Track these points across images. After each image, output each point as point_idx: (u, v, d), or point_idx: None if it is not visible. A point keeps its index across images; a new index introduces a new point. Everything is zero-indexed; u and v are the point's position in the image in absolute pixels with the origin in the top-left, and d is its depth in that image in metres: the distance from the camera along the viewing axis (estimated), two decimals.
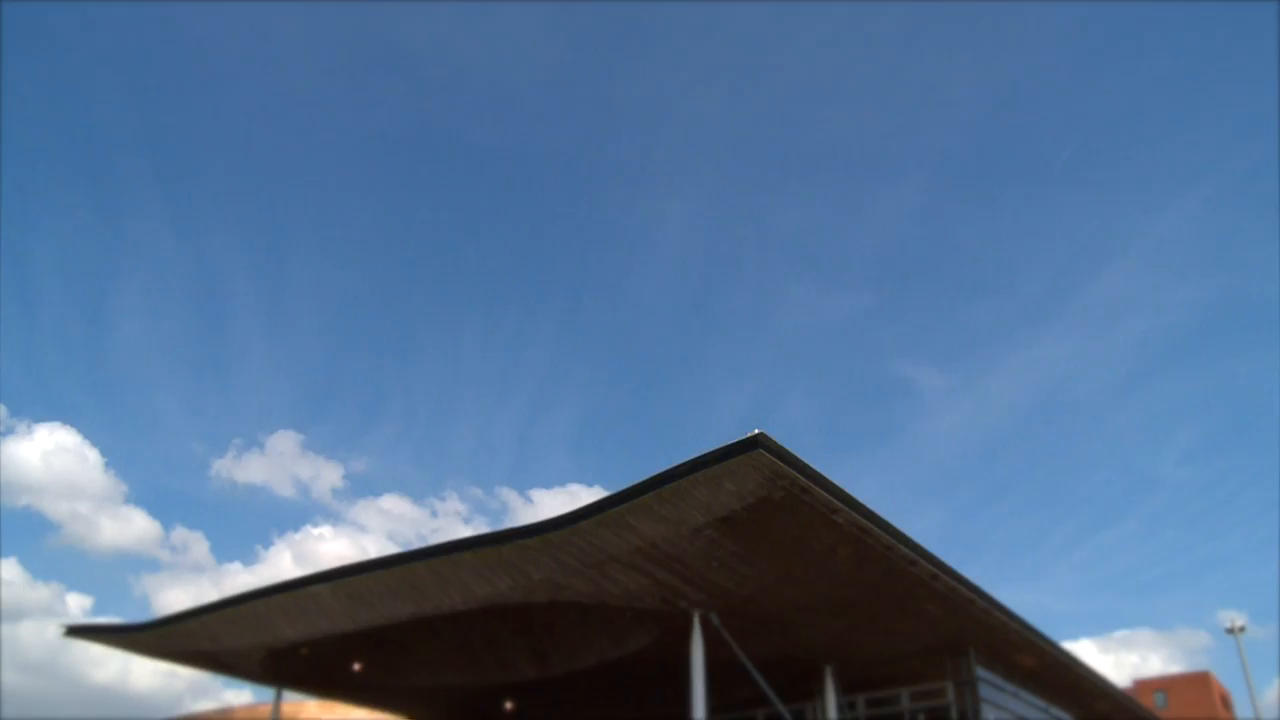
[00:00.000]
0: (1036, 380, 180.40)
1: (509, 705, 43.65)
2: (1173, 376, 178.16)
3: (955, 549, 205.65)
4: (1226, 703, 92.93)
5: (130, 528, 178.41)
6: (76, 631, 38.79)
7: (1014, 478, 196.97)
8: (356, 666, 39.13)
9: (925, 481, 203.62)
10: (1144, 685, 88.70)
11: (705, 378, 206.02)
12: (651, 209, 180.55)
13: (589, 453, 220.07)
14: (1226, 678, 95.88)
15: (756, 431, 23.27)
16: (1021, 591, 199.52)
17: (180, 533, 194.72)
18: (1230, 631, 23.42)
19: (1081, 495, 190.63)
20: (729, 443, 23.60)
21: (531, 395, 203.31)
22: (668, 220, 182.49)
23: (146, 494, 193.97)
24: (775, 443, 23.38)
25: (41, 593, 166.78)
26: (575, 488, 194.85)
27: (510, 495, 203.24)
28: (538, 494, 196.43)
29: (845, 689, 36.53)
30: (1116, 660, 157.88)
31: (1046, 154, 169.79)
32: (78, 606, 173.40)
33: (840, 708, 36.21)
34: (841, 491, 25.47)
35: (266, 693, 42.86)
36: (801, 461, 24.09)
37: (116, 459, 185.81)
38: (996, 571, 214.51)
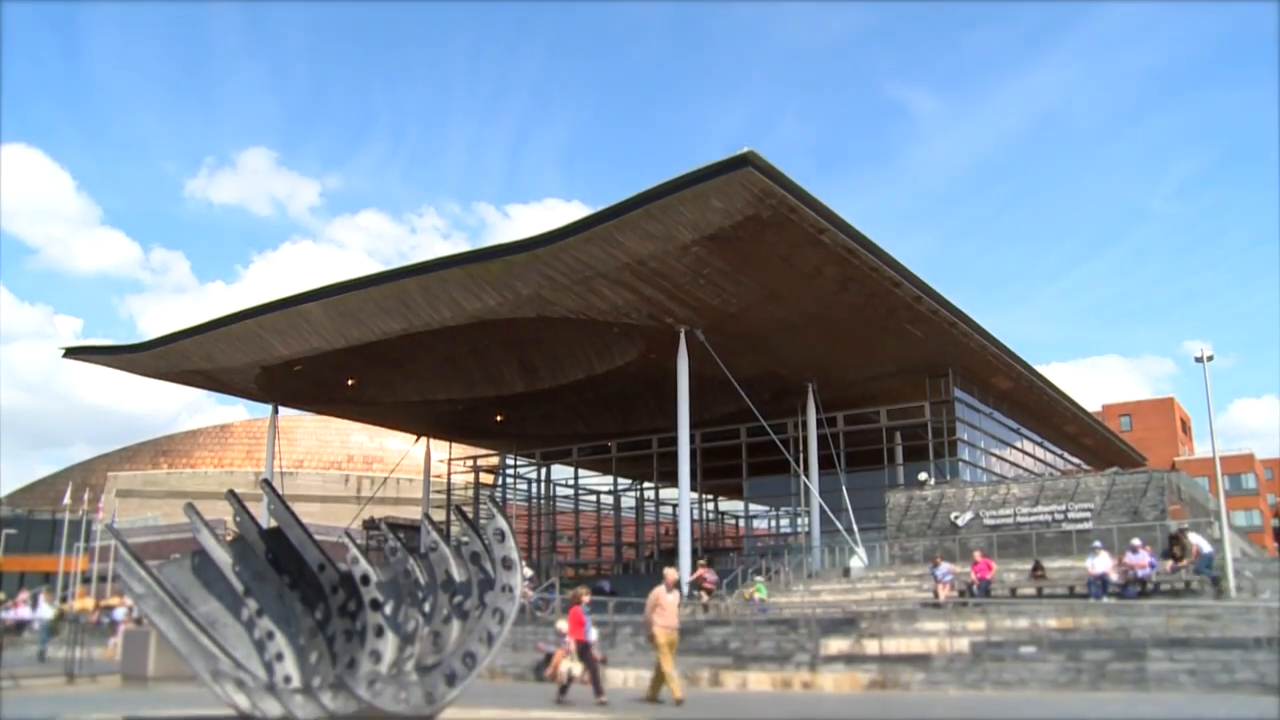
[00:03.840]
0: (1033, 107, 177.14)
1: (499, 418, 45.05)
2: (1171, 109, 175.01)
3: (941, 274, 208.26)
4: (1186, 426, 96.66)
5: (109, 249, 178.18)
6: (74, 352, 39.28)
7: (1004, 205, 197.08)
8: (350, 382, 40.01)
9: (916, 206, 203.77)
10: (1111, 409, 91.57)
11: (698, 96, 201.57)
12: None
13: (578, 169, 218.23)
14: (1185, 403, 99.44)
15: (746, 149, 22.92)
16: (1003, 318, 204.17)
17: (160, 254, 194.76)
18: (1199, 360, 23.87)
19: (1070, 225, 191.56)
20: (718, 160, 23.33)
21: (521, 110, 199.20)
22: None
23: (122, 216, 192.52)
24: (765, 161, 23.06)
25: (30, 315, 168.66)
26: (553, 203, 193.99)
27: (488, 210, 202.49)
28: (515, 209, 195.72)
29: (826, 407, 37.70)
30: (1086, 385, 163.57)
31: None
32: (67, 329, 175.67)
33: (820, 424, 37.49)
34: (829, 212, 25.36)
35: (261, 410, 44.04)
36: (790, 180, 23.84)
37: (88, 181, 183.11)
38: (980, 298, 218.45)
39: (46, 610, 30.05)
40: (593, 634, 15.63)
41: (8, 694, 16.48)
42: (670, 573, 15.26)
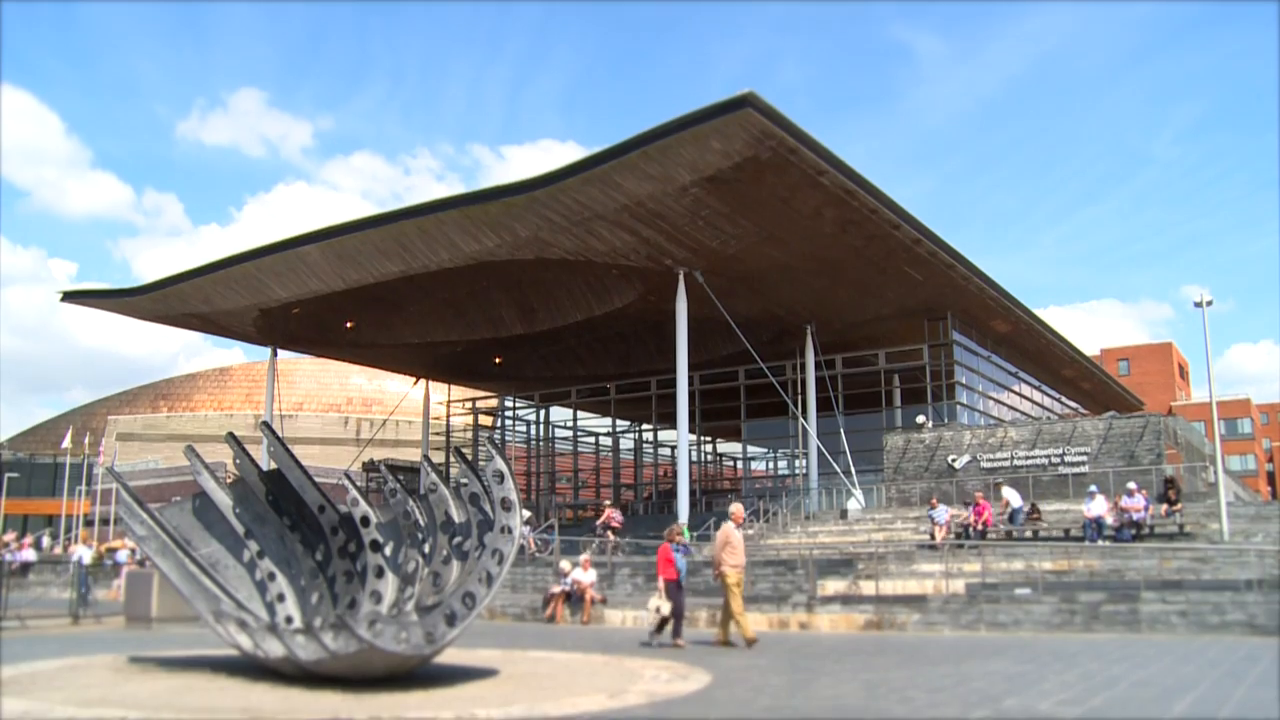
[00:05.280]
0: (1037, 51, 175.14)
1: (498, 360, 45.08)
2: (1176, 54, 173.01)
3: (941, 217, 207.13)
4: (1183, 371, 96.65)
5: (100, 192, 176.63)
6: (72, 296, 39.10)
7: (1006, 149, 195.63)
8: (348, 325, 39.94)
9: (917, 150, 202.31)
10: (1109, 353, 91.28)
11: (698, 38, 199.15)
12: None
13: (576, 111, 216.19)
14: (1183, 348, 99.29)
15: (746, 90, 22.72)
16: (1002, 261, 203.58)
17: (152, 196, 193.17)
18: (1197, 305, 23.83)
19: (1071, 170, 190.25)
20: (718, 101, 23.13)
21: (519, 51, 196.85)
22: None
23: (113, 158, 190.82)
24: (764, 102, 22.87)
25: (24, 259, 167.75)
26: (548, 144, 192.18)
27: (482, 151, 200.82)
28: (510, 150, 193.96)
29: (824, 349, 37.68)
30: (1084, 329, 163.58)
31: None
32: (62, 272, 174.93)
33: (819, 366, 37.50)
34: (829, 153, 25.17)
35: (260, 352, 43.95)
36: (790, 121, 23.65)
37: (77, 123, 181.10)
38: (980, 242, 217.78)
39: (85, 553, 30.63)
40: (683, 566, 15.22)
41: (14, 634, 16.66)
42: (737, 509, 14.78)
